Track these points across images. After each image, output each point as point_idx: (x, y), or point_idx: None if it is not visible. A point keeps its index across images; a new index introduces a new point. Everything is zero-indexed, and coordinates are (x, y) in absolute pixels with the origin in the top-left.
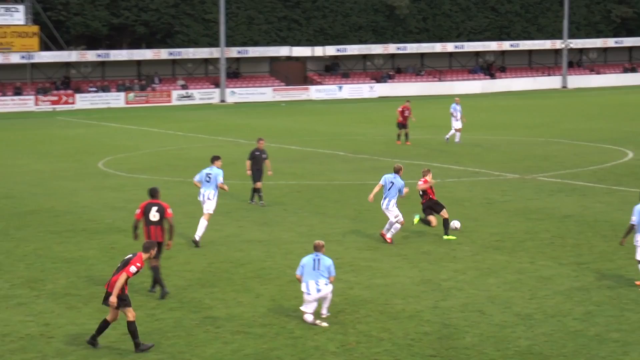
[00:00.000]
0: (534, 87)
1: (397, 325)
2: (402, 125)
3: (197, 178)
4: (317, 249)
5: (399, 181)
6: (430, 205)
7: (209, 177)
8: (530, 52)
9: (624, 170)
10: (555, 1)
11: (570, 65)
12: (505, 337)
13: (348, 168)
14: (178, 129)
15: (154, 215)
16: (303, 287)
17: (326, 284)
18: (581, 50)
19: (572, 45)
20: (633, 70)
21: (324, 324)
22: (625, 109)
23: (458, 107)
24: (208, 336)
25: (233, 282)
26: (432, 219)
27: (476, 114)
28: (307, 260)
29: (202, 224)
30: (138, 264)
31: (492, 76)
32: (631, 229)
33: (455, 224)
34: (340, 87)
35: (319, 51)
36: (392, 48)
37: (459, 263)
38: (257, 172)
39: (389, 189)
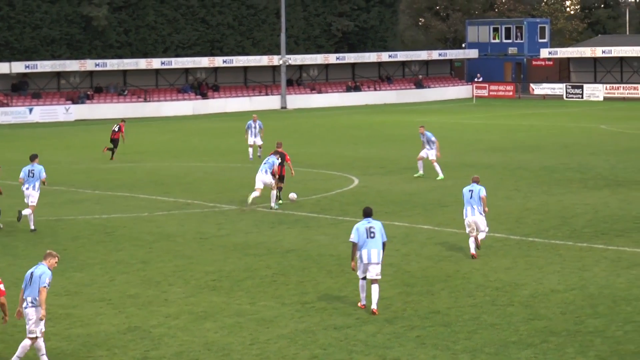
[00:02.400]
0: (251, 108)
1: None
2: (114, 141)
3: (21, 175)
4: (45, 258)
5: (273, 160)
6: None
7: (32, 173)
8: (245, 69)
9: (349, 199)
10: (272, 13)
11: (290, 83)
12: None
13: (41, 202)
14: None
15: None
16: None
17: (32, 304)
18: (301, 67)
19: (291, 62)
20: (356, 88)
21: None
22: (350, 131)
23: (256, 123)
24: None
25: None
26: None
27: (187, 139)
28: (28, 272)
29: (31, 216)
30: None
31: (204, 96)
32: (355, 248)
33: (292, 195)
34: (31, 109)
35: (4, 68)
36: (90, 64)
37: (170, 307)
38: None
39: (265, 163)
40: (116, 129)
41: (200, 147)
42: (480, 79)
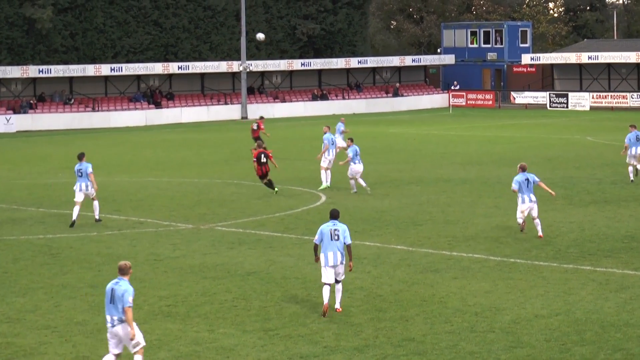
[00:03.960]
0: (209, 118)
1: None
2: (257, 139)
3: (76, 172)
4: (122, 272)
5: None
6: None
7: (81, 172)
8: (202, 76)
9: (316, 217)
10: (231, 15)
11: (251, 91)
12: None
13: None
14: None
15: None
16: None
17: (120, 322)
18: (263, 74)
19: (252, 68)
20: (323, 97)
21: None
22: (316, 143)
23: (342, 127)
24: None
25: None
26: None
27: (139, 152)
28: (108, 287)
29: (95, 205)
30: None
31: (158, 105)
32: (316, 249)
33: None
34: None
35: None
36: (33, 71)
37: None
38: None
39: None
40: (255, 127)
41: (153, 160)
42: (457, 87)
